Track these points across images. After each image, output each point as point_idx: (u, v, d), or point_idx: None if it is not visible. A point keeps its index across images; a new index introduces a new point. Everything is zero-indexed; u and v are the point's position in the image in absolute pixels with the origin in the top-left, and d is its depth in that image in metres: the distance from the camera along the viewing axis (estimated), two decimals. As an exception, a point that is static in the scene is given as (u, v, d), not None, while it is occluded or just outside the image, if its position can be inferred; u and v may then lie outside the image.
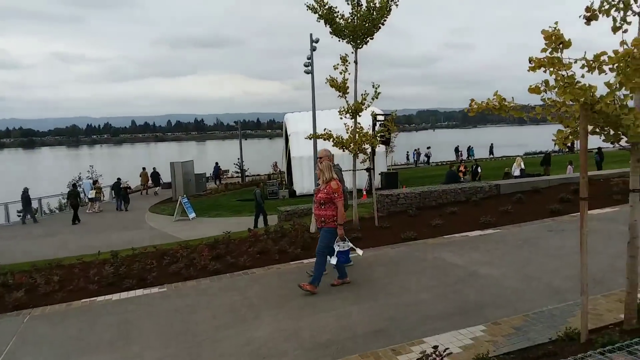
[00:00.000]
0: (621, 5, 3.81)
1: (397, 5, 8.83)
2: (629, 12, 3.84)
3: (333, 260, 6.36)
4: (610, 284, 5.89)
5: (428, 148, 47.49)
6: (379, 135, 21.12)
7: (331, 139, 9.26)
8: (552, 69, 3.38)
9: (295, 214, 12.20)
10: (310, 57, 19.79)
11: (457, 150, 46.63)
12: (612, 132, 3.62)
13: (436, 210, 11.12)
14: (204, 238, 10.95)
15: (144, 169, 33.11)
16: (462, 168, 21.35)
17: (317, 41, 19.18)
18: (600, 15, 3.90)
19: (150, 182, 32.72)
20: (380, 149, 23.60)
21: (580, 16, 3.96)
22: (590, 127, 3.89)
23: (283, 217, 12.34)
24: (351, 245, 6.50)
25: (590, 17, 3.91)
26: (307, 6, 9.16)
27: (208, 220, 18.04)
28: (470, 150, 47.59)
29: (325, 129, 9.34)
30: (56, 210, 27.51)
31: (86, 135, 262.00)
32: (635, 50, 3.03)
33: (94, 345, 5.36)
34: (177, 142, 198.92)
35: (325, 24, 9.21)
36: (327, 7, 8.99)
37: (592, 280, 6.05)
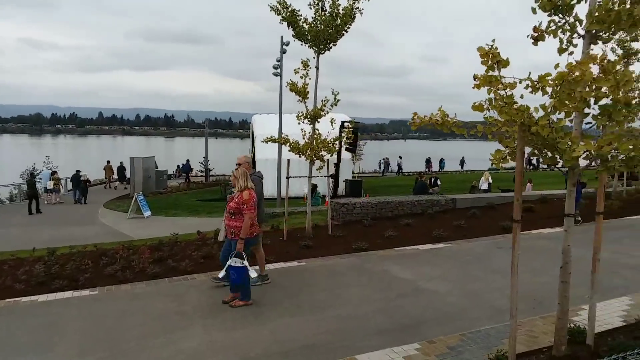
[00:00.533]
0: (567, 27, 3.78)
1: (361, 13, 8.75)
2: (575, 35, 3.81)
3: (221, 274, 5.98)
4: (550, 305, 5.84)
5: (400, 158, 47.80)
6: (345, 142, 21.23)
7: (287, 144, 9.08)
8: (490, 88, 3.29)
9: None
10: (279, 60, 19.57)
11: (428, 161, 47.11)
12: (549, 154, 3.56)
13: (392, 221, 11.07)
14: (154, 238, 10.56)
15: (108, 162, 32.14)
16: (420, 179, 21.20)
17: (287, 44, 18.97)
18: (548, 36, 3.86)
19: (115, 175, 31.79)
20: (347, 156, 23.60)
21: (528, 36, 3.92)
22: (530, 149, 3.83)
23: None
24: (246, 264, 5.82)
25: (538, 37, 3.86)
26: (271, 7, 8.98)
27: (163, 220, 17.50)
28: (441, 162, 48.14)
29: (282, 133, 9.12)
30: (6, 201, 26.30)
31: (50, 125, 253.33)
32: (569, 74, 2.96)
33: (9, 349, 4.98)
34: (145, 137, 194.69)
35: (289, 26, 9.06)
36: (290, 9, 8.83)
37: (533, 301, 6.07)
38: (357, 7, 8.66)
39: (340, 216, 10.89)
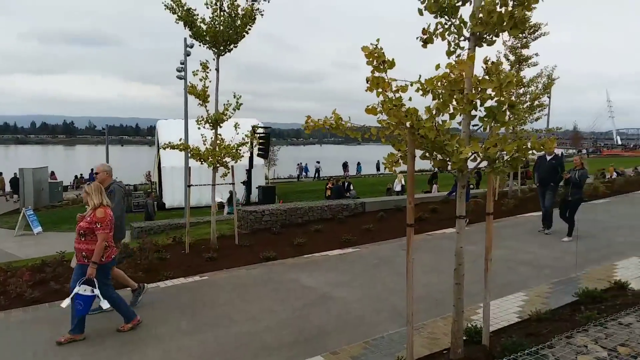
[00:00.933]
0: (453, 30, 3.78)
1: (262, 15, 8.51)
2: (462, 37, 3.83)
3: (64, 304, 5.04)
4: (451, 305, 5.99)
5: (318, 162, 48.06)
6: (257, 147, 20.82)
7: (188, 150, 8.58)
8: (378, 90, 3.18)
9: (151, 230, 11.17)
10: (183, 62, 18.77)
11: (345, 165, 47.81)
12: (439, 157, 3.53)
13: (301, 227, 10.91)
14: (42, 257, 9.50)
15: (0, 173, 29.16)
16: (329, 184, 21.30)
17: (192, 46, 18.24)
18: (436, 39, 3.85)
19: (9, 188, 28.90)
20: (259, 162, 23.21)
21: (417, 38, 3.88)
22: (421, 152, 3.79)
23: (136, 234, 11.22)
24: (97, 292, 5.01)
25: (427, 40, 3.84)
26: (165, 5, 8.45)
27: (56, 236, 15.97)
28: (358, 166, 49.13)
29: (180, 139, 8.62)
30: None
31: None
32: (451, 74, 2.92)
33: None
34: (42, 146, 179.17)
35: (185, 26, 8.58)
36: (185, 8, 8.36)
37: (434, 301, 6.16)
38: (258, 9, 8.41)
39: (248, 224, 10.53)
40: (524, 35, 12.96)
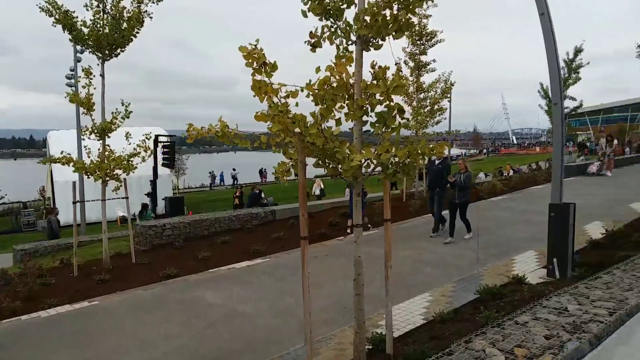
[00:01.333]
0: (340, 33, 3.64)
1: (151, 18, 7.97)
2: (350, 41, 3.70)
3: None
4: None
5: (234, 170, 46.86)
6: (162, 157, 19.76)
7: (71, 164, 7.78)
8: (262, 95, 2.93)
9: (36, 252, 10.04)
10: (73, 69, 17.35)
11: (261, 172, 47.06)
12: (331, 165, 3.35)
13: (207, 240, 10.40)
14: None
15: None
16: (237, 193, 20.47)
17: (82, 51, 16.87)
18: (324, 42, 3.68)
19: None
20: (164, 172, 22.08)
21: (305, 42, 3.69)
22: (314, 160, 3.60)
23: (19, 257, 10.03)
24: None
25: (315, 43, 3.66)
26: (40, 8, 7.63)
27: None
28: None
29: (62, 152, 7.81)
30: None
31: None
32: (332, 78, 2.76)
33: None
34: None
35: (64, 30, 7.79)
36: (63, 10, 7.60)
37: (344, 309, 6.03)
38: (146, 11, 7.85)
39: (148, 240, 9.82)
40: (421, 42, 13.45)
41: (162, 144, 19.18)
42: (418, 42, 13.49)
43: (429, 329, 5.16)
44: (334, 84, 2.77)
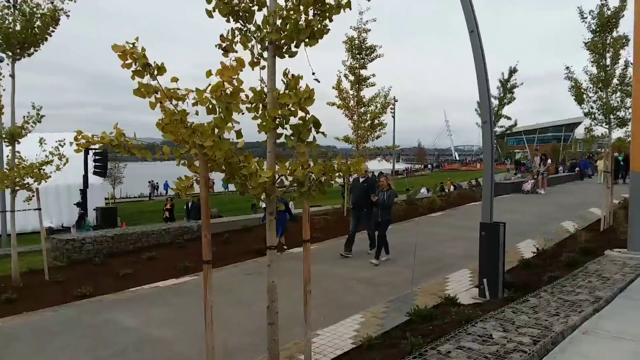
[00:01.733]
0: (252, 37, 3.33)
1: (68, 16, 7.38)
2: (264, 47, 3.40)
3: None
4: (288, 333, 5.49)
5: (179, 179, 45.36)
6: (94, 165, 18.67)
7: (-28, 172, 7.02)
8: (151, 100, 2.56)
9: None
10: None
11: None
12: (238, 181, 3.02)
13: (133, 255, 9.72)
14: None
15: None
16: (167, 205, 19.30)
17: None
18: (236, 47, 3.36)
19: None
20: (96, 180, 20.90)
21: (216, 46, 3.35)
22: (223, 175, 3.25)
23: None
24: None
25: (227, 47, 3.33)
26: None
27: None
28: (224, 183, 47.42)
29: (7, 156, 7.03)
30: None
31: None
32: (227, 84, 2.44)
33: None
34: None
35: (-32, 25, 7.06)
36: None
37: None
38: (62, 9, 7.26)
39: (65, 255, 9.03)
40: (360, 56, 13.43)
41: (93, 151, 18.15)
42: (358, 56, 13.46)
43: (359, 353, 4.92)
44: (228, 91, 2.46)
